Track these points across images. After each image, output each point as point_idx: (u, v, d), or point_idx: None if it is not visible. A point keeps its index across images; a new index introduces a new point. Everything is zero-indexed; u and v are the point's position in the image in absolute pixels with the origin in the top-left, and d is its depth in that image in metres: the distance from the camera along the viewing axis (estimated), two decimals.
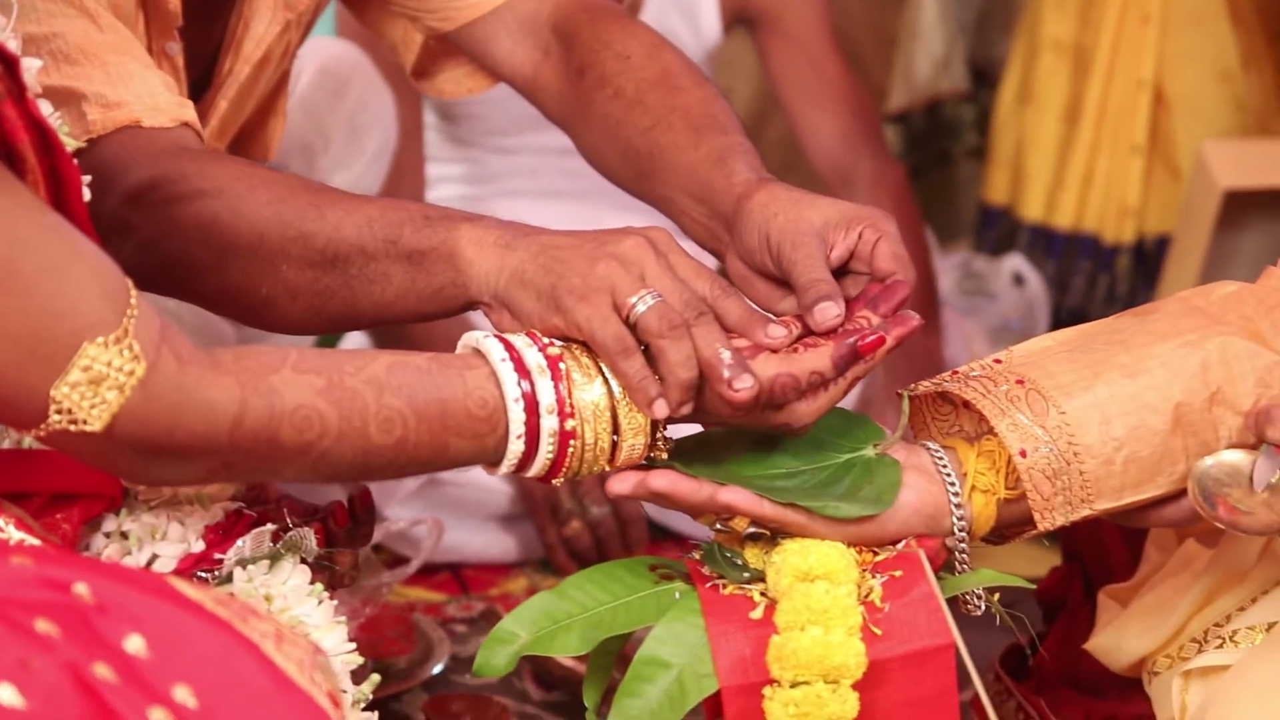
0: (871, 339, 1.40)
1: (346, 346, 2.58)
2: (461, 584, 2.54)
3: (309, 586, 1.40)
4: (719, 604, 1.38)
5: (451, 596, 2.49)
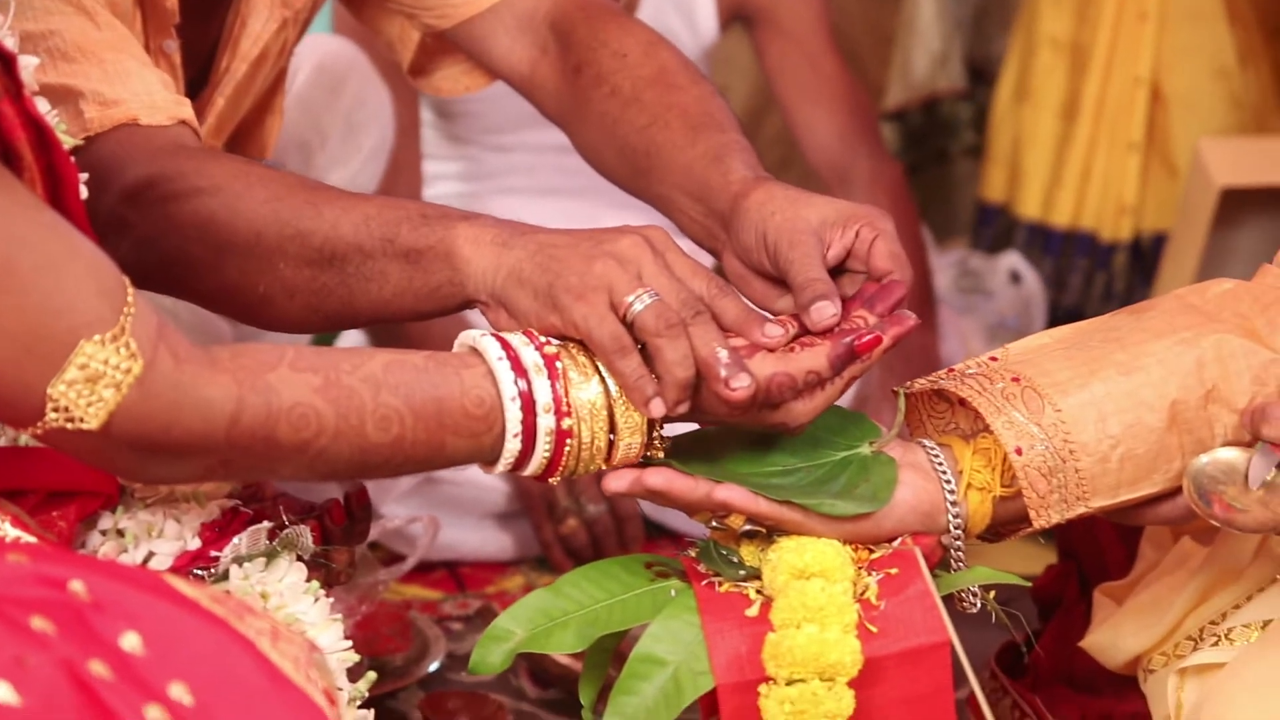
0: (868, 339, 1.40)
1: (343, 345, 2.58)
2: (458, 582, 2.53)
3: (305, 584, 1.40)
4: (715, 601, 1.38)
5: (448, 594, 2.49)
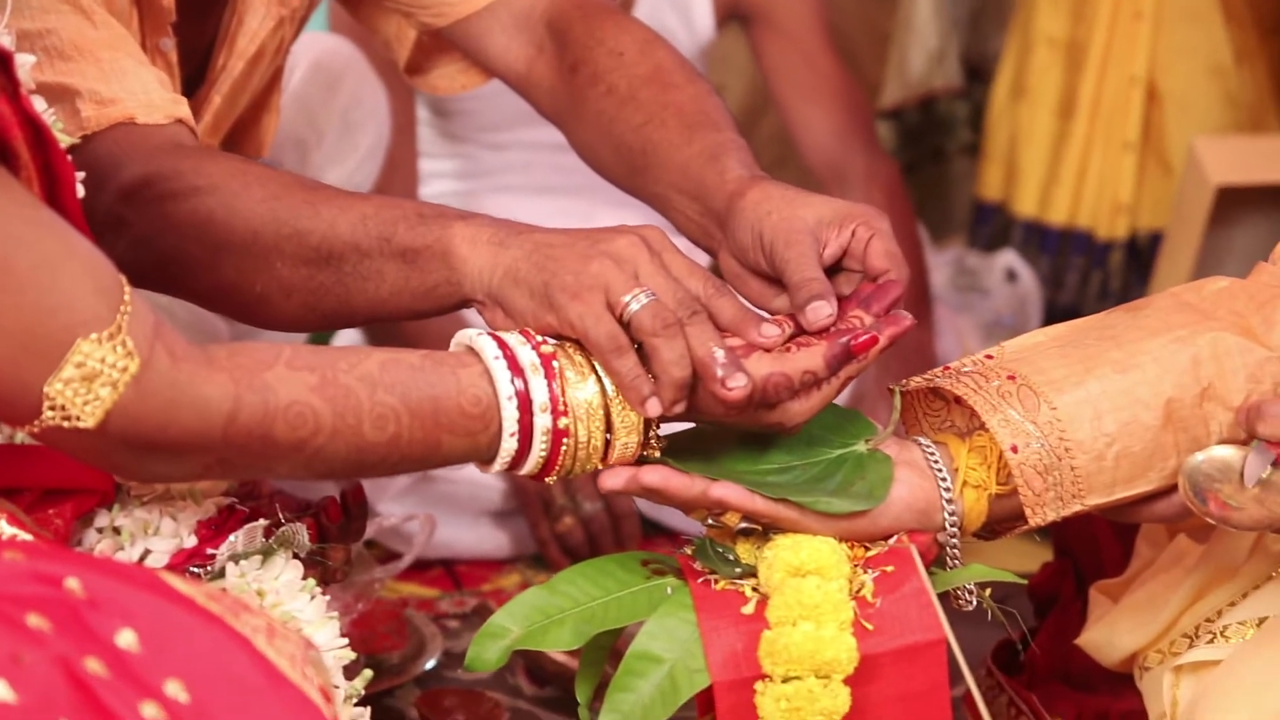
0: (864, 339, 1.40)
1: (339, 344, 2.58)
2: (454, 580, 2.53)
3: (301, 582, 1.40)
4: (711, 599, 1.38)
5: (444, 592, 2.49)
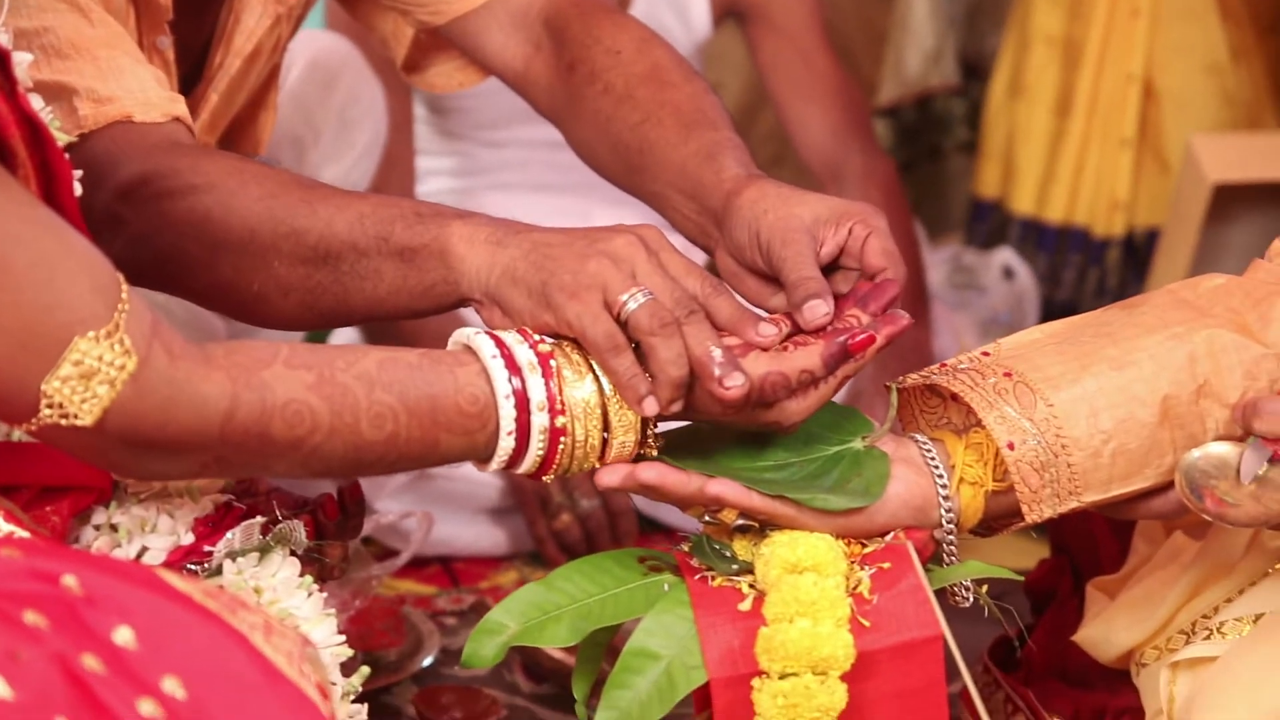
0: (862, 338, 1.40)
1: (336, 342, 2.58)
2: (451, 577, 2.53)
3: (298, 579, 1.40)
4: (708, 596, 1.39)
5: (441, 589, 2.49)
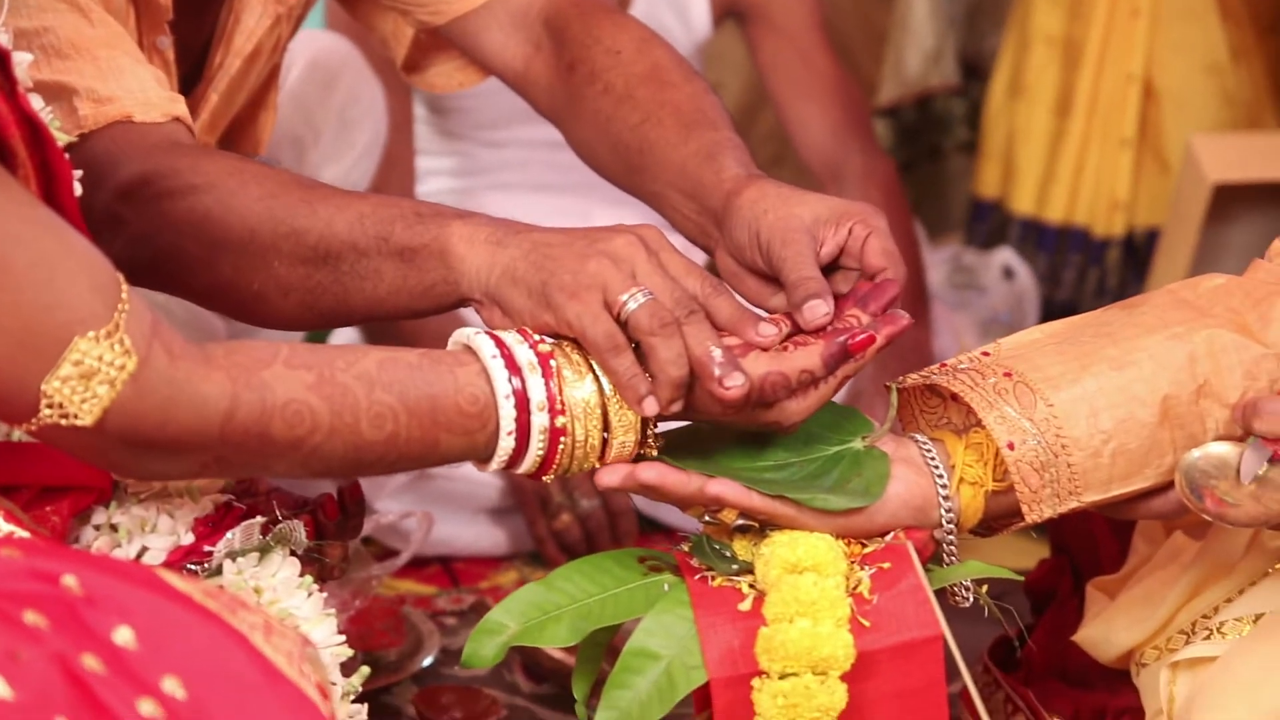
0: (861, 338, 1.40)
1: (336, 342, 2.58)
2: (451, 577, 2.53)
3: (298, 579, 1.40)
4: (708, 596, 1.39)
5: (441, 589, 2.49)
